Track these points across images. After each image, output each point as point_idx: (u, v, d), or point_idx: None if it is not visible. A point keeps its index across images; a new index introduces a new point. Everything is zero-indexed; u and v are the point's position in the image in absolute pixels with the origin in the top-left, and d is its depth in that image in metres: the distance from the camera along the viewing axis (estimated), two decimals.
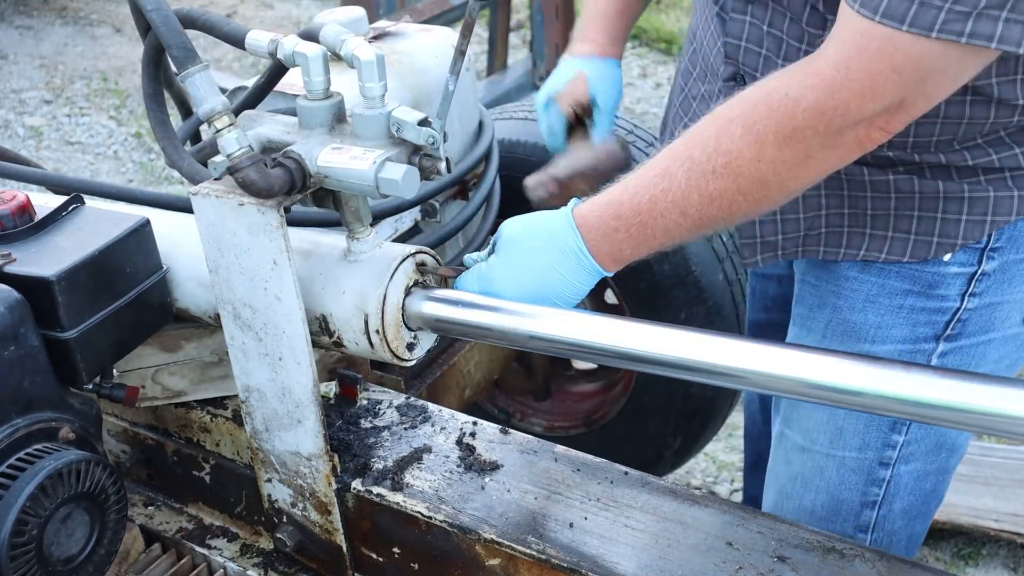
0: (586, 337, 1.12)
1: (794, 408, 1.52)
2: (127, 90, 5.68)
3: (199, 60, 1.15)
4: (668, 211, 1.13)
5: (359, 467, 1.30)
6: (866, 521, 1.48)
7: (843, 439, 1.44)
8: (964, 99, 1.17)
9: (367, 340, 1.19)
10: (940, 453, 1.44)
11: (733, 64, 1.34)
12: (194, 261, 1.29)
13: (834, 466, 1.47)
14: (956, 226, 1.28)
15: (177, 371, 1.42)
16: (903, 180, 1.29)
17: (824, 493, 1.49)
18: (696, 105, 1.46)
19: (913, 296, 1.34)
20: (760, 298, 1.84)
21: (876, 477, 1.45)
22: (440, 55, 1.82)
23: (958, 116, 1.19)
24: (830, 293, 1.42)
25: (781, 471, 1.57)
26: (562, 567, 1.14)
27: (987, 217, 1.27)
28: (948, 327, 1.34)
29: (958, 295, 1.32)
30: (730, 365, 1.04)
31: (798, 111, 1.05)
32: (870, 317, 1.37)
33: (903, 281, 1.34)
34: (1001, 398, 0.92)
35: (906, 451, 1.42)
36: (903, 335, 1.36)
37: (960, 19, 0.95)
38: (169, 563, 1.46)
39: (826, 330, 1.43)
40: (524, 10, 5.91)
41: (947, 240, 1.29)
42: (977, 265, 1.30)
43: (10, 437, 1.13)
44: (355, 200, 1.20)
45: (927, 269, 1.32)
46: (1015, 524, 2.55)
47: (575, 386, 2.64)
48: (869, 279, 1.36)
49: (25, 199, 1.27)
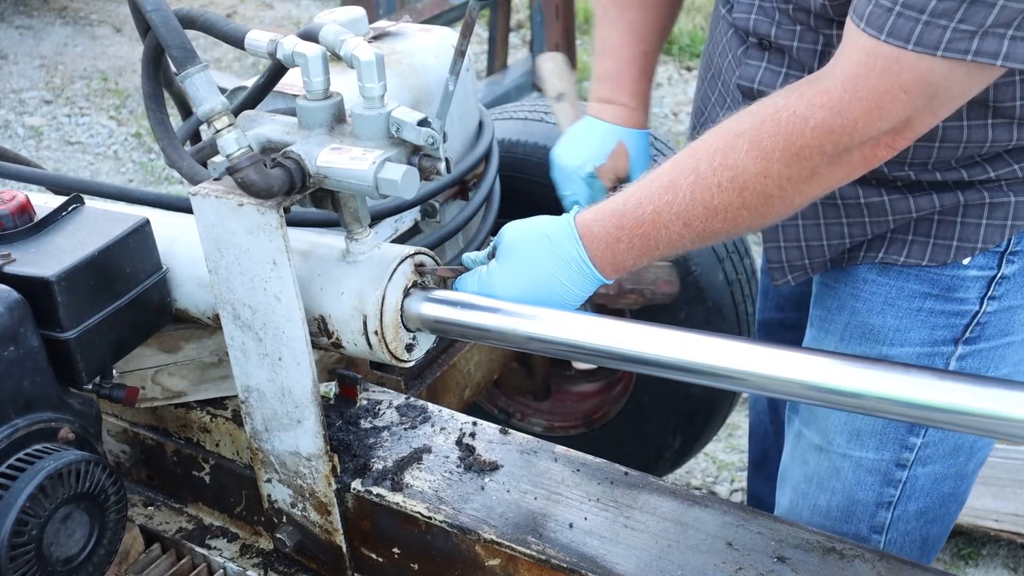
0: (585, 338, 1.12)
1: (813, 409, 1.52)
2: (127, 90, 5.68)
3: (199, 60, 1.15)
4: (672, 223, 1.14)
5: (359, 467, 1.30)
6: (881, 522, 1.48)
7: (860, 440, 1.44)
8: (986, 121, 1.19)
9: (366, 341, 1.19)
10: (959, 456, 1.43)
11: (749, 88, 1.34)
12: (194, 261, 1.29)
13: (850, 467, 1.47)
14: (976, 231, 1.28)
15: (177, 372, 1.42)
16: (923, 199, 1.29)
17: (839, 494, 1.49)
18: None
19: (932, 299, 1.34)
20: (773, 297, 1.84)
21: (892, 478, 1.44)
22: (440, 55, 1.82)
23: (981, 138, 1.20)
24: (848, 296, 1.42)
25: (797, 471, 1.57)
26: (562, 567, 1.14)
27: (1008, 221, 1.27)
28: (967, 330, 1.34)
29: (977, 298, 1.32)
30: (730, 367, 1.04)
31: (806, 130, 1.05)
32: (888, 320, 1.37)
33: (922, 284, 1.34)
34: (1002, 401, 0.92)
35: (923, 453, 1.42)
36: (922, 338, 1.36)
37: (966, 38, 0.96)
38: (169, 563, 1.46)
39: (844, 332, 1.43)
40: (524, 10, 5.92)
41: (967, 244, 1.29)
42: (996, 268, 1.31)
43: (10, 437, 1.13)
44: (354, 201, 1.20)
45: (946, 272, 1.32)
46: (1015, 524, 2.55)
47: (575, 386, 2.64)
48: (888, 282, 1.37)
49: (25, 199, 1.27)
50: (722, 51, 1.41)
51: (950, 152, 1.23)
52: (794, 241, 1.41)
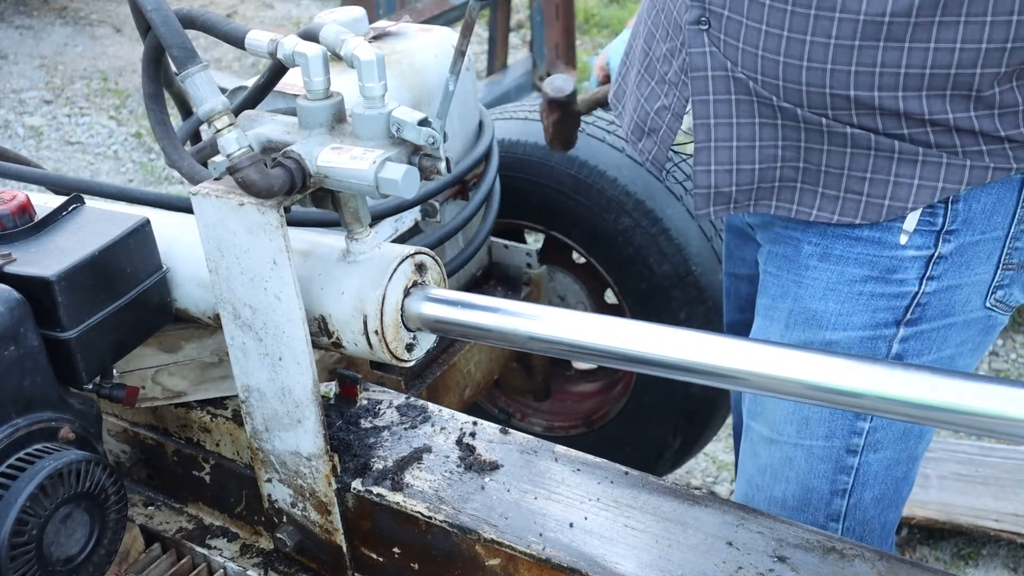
0: (585, 338, 1.12)
1: (759, 401, 1.53)
2: (127, 90, 5.68)
3: (199, 60, 1.15)
4: None
5: (359, 467, 1.31)
6: (837, 510, 1.49)
7: (809, 428, 1.45)
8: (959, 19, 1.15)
9: (366, 341, 1.19)
10: (908, 440, 1.45)
11: (699, 5, 1.31)
12: (194, 261, 1.29)
13: (802, 455, 1.47)
14: (908, 190, 1.28)
15: (177, 371, 1.42)
16: (860, 136, 1.27)
17: (794, 483, 1.50)
18: (660, 65, 1.44)
19: (872, 282, 1.35)
20: (735, 298, 1.85)
21: (844, 465, 1.45)
22: (440, 55, 1.82)
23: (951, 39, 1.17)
24: (791, 283, 1.42)
25: (749, 464, 1.58)
26: (562, 567, 1.14)
27: (938, 183, 1.26)
28: (908, 311, 1.35)
29: (916, 279, 1.33)
30: (730, 366, 1.04)
31: None
32: (831, 305, 1.38)
33: (862, 268, 1.35)
34: (1002, 401, 0.92)
35: (872, 438, 1.43)
36: (863, 321, 1.37)
37: None
38: (169, 563, 1.46)
39: (788, 319, 1.44)
40: (524, 10, 5.92)
41: (898, 203, 1.29)
42: (934, 248, 1.31)
43: (10, 437, 1.13)
44: (354, 201, 1.20)
45: (885, 254, 1.33)
46: (1015, 524, 2.55)
47: (575, 386, 2.65)
48: (829, 267, 1.37)
49: (25, 199, 1.27)
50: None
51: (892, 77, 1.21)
52: (724, 163, 1.37)
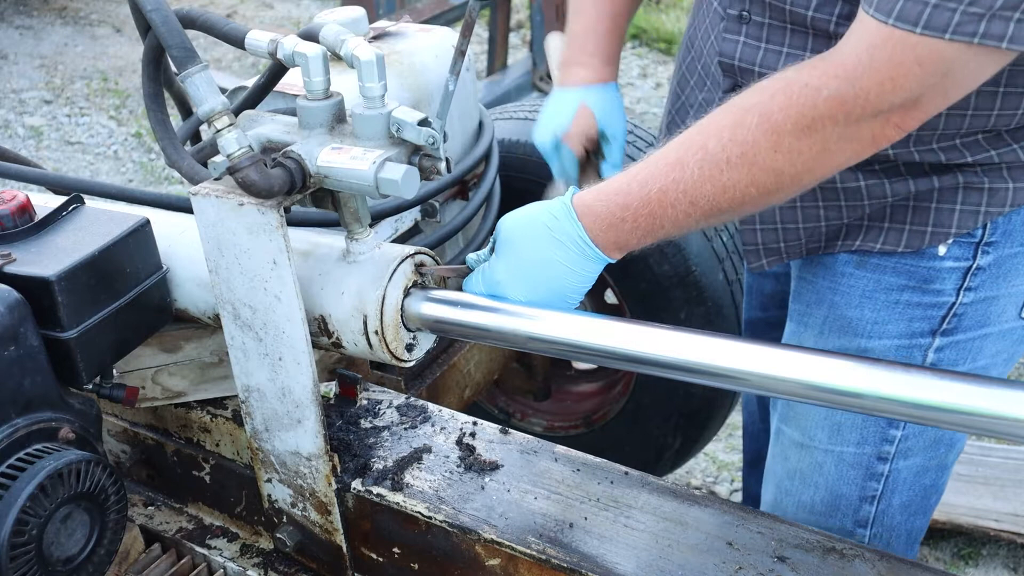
0: (585, 338, 1.12)
1: (791, 405, 1.53)
2: (127, 90, 5.68)
3: (199, 60, 1.15)
4: (678, 202, 1.12)
5: (359, 467, 1.30)
6: (865, 516, 1.49)
7: (841, 434, 1.45)
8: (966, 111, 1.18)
9: (366, 341, 1.19)
10: (939, 448, 1.45)
11: (731, 78, 1.34)
12: (194, 261, 1.29)
13: (832, 461, 1.47)
14: (951, 216, 1.28)
15: (177, 372, 1.42)
16: (899, 185, 1.29)
17: (823, 489, 1.50)
18: (693, 112, 1.46)
19: (909, 291, 1.35)
20: (757, 296, 1.84)
21: (874, 472, 1.45)
22: (440, 55, 1.82)
23: (962, 107, 1.19)
24: (827, 289, 1.42)
25: (779, 468, 1.57)
26: (562, 567, 1.14)
27: (981, 208, 1.27)
28: (944, 321, 1.35)
29: (953, 290, 1.33)
30: (730, 367, 1.04)
31: (819, 100, 1.04)
32: (866, 313, 1.38)
33: (899, 276, 1.34)
34: (1002, 401, 0.92)
35: (904, 446, 1.43)
36: (899, 330, 1.37)
37: (974, 21, 0.96)
38: (169, 563, 1.46)
39: (823, 326, 1.44)
40: (524, 10, 5.91)
41: (941, 230, 1.29)
42: (972, 259, 1.31)
43: (10, 437, 1.13)
44: (354, 201, 1.20)
45: (922, 264, 1.32)
46: (1015, 524, 2.55)
47: (575, 386, 2.64)
48: (865, 275, 1.37)
49: (25, 199, 1.27)
50: (704, 33, 1.41)
51: (928, 134, 1.22)
52: (770, 223, 1.40)
